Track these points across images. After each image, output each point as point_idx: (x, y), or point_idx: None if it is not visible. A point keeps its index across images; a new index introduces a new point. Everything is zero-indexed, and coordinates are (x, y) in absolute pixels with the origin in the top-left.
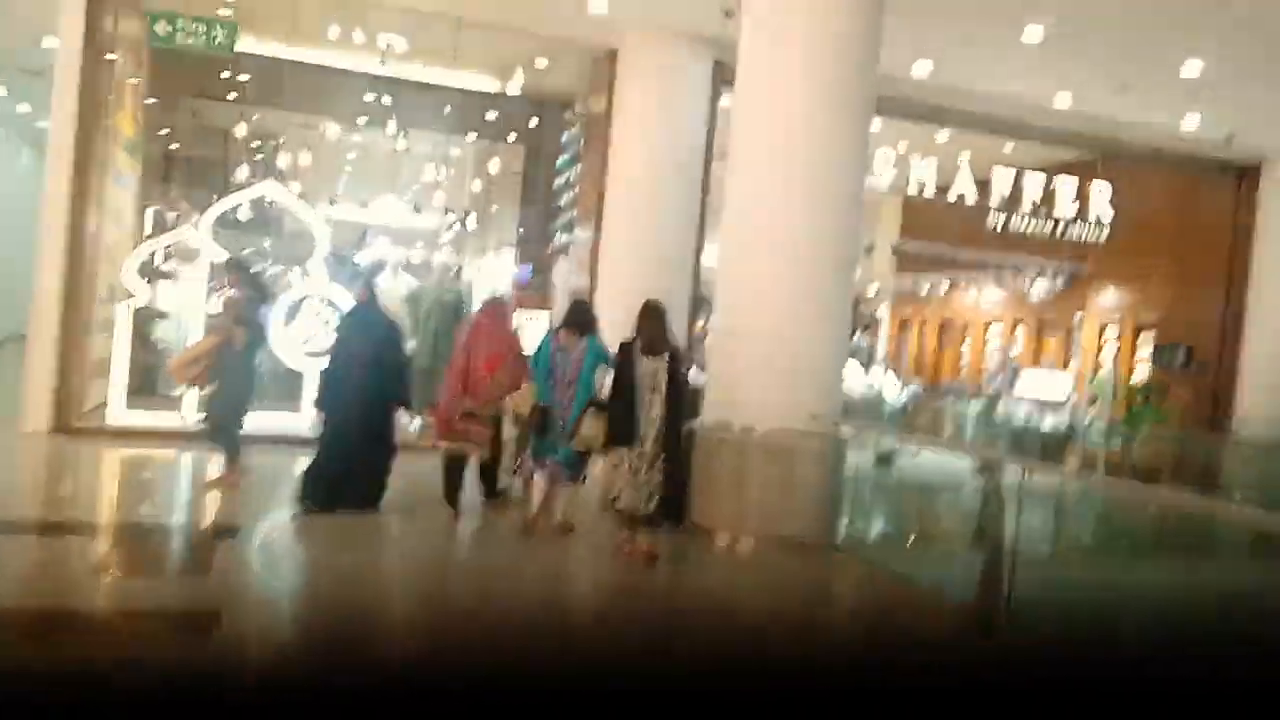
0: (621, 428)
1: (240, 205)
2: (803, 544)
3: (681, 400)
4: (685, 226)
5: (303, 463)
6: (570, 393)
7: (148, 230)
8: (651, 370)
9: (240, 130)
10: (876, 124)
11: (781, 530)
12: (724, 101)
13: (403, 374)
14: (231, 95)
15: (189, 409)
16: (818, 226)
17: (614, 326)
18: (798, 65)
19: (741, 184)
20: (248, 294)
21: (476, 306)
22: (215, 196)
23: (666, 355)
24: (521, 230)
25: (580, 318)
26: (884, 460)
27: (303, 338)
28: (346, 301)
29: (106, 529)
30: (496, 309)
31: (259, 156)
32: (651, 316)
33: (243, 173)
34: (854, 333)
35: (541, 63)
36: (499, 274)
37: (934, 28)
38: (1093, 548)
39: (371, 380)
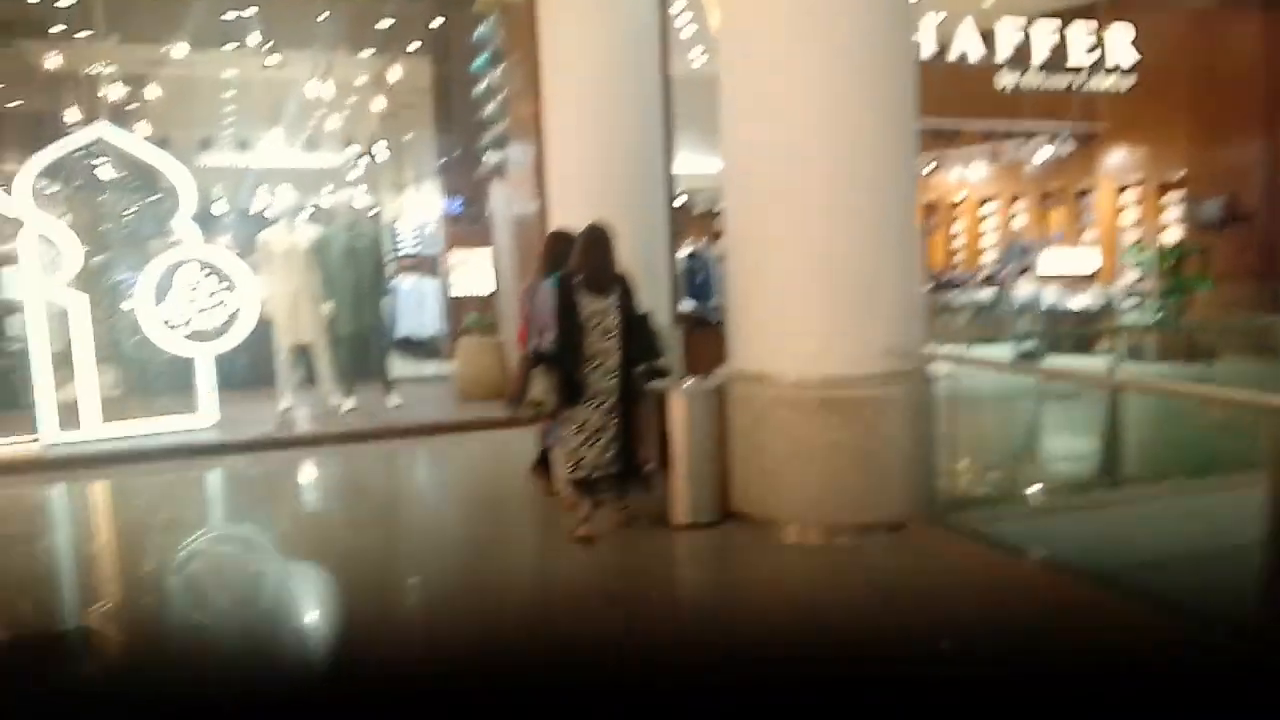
0: (568, 383)
1: (69, 157)
2: (895, 527)
3: (640, 343)
4: (647, 125)
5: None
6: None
7: None
8: (600, 310)
9: (79, 70)
10: None
11: (862, 513)
12: None
13: None
14: (59, 28)
15: (48, 428)
16: (872, 100)
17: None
18: None
19: (750, 57)
20: None
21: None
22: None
23: (617, 291)
24: (443, 156)
25: (547, 254)
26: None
27: (181, 315)
28: (232, 264)
29: None
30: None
31: (102, 98)
32: (594, 245)
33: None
34: None
35: None
36: (424, 210)
37: None
38: None
39: None
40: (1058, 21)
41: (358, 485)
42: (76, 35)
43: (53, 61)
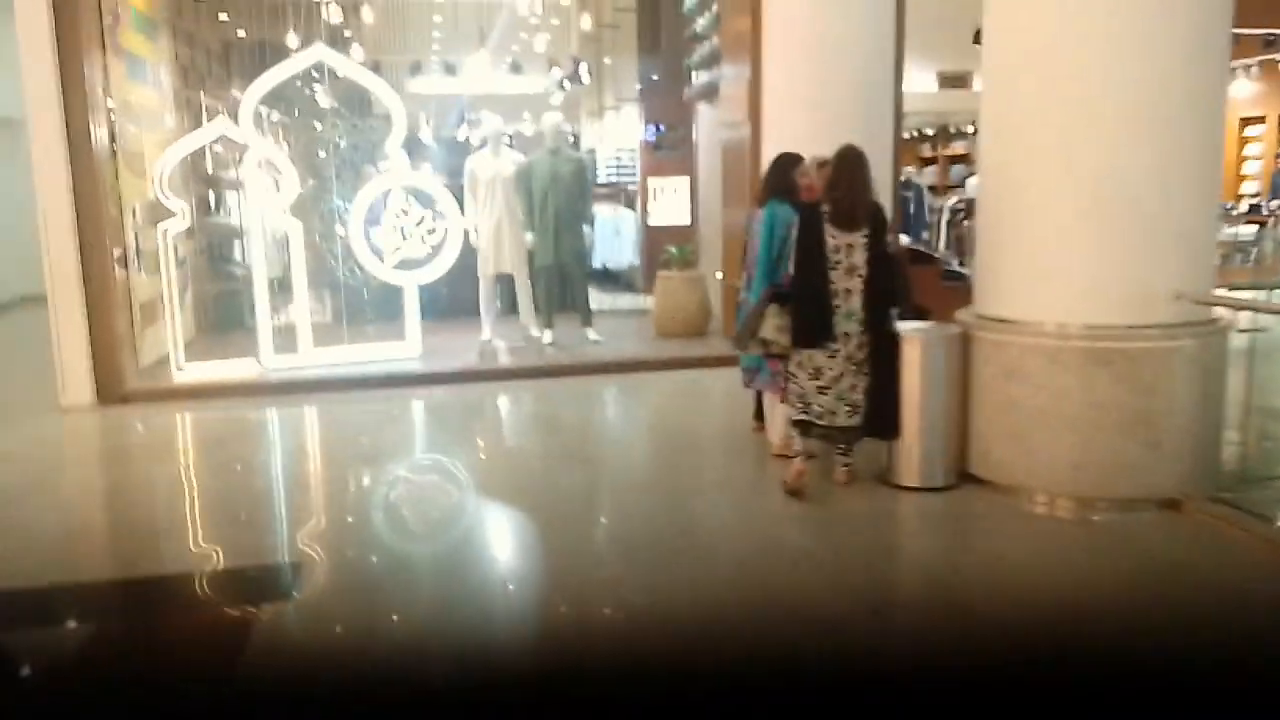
0: (805, 325)
1: (288, 83)
2: (1168, 504)
3: (890, 286)
4: (876, 40)
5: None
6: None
7: (187, 131)
8: (847, 245)
9: None
10: None
11: (1128, 486)
12: None
13: None
14: None
15: (266, 352)
16: None
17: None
18: None
19: None
20: None
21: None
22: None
23: (867, 225)
24: (644, 80)
25: (769, 180)
26: None
27: (390, 243)
28: (439, 192)
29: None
30: None
31: (320, 23)
32: (848, 172)
33: (294, 44)
34: None
35: None
36: (622, 136)
37: None
38: None
39: None
40: None
41: (557, 421)
42: None
43: None
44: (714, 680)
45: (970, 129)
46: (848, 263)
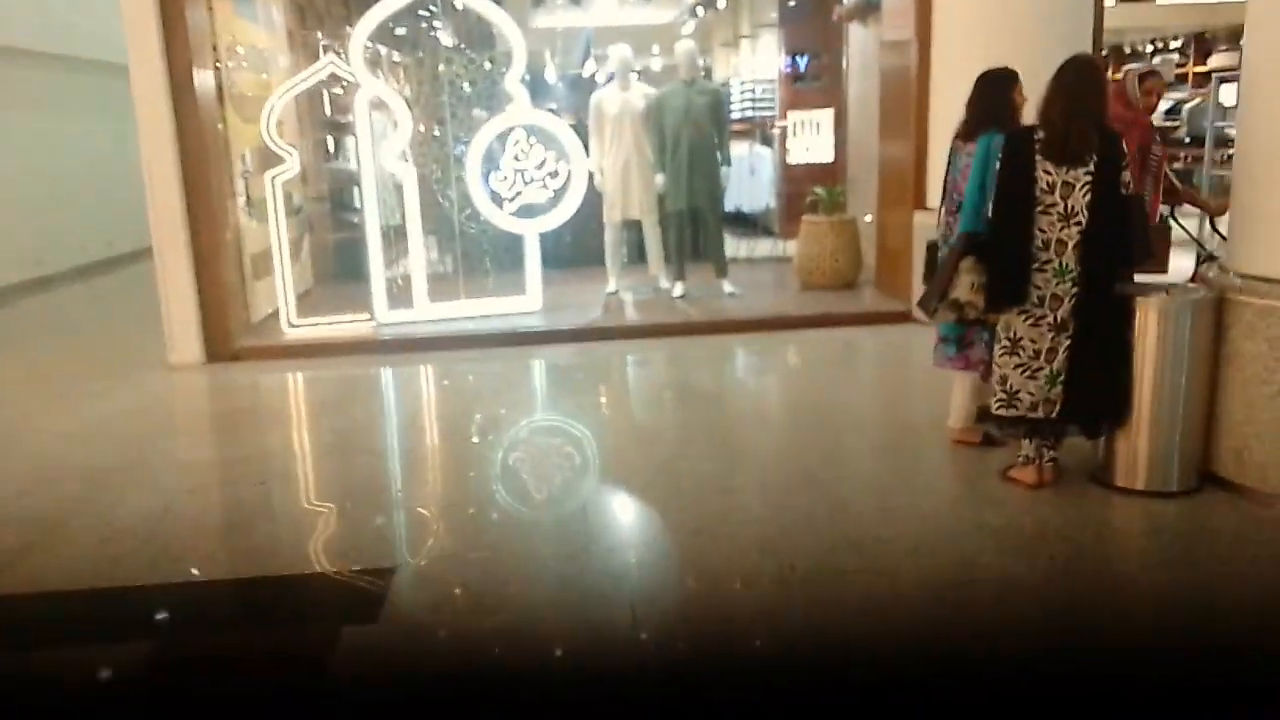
0: (995, 281)
1: (403, 17)
2: None
3: (1119, 239)
4: None
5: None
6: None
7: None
8: (1065, 183)
9: None
10: None
11: None
12: None
13: None
14: None
15: (380, 307)
16: None
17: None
18: None
19: None
20: None
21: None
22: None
23: (1092, 160)
24: (783, 4)
25: (979, 105)
26: None
27: (509, 188)
28: (561, 131)
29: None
30: None
31: None
32: (1069, 86)
33: None
34: None
35: None
36: (758, 68)
37: None
38: None
39: None
40: None
41: (692, 390)
42: None
43: None
44: None
45: (1149, 48)
46: (1063, 206)
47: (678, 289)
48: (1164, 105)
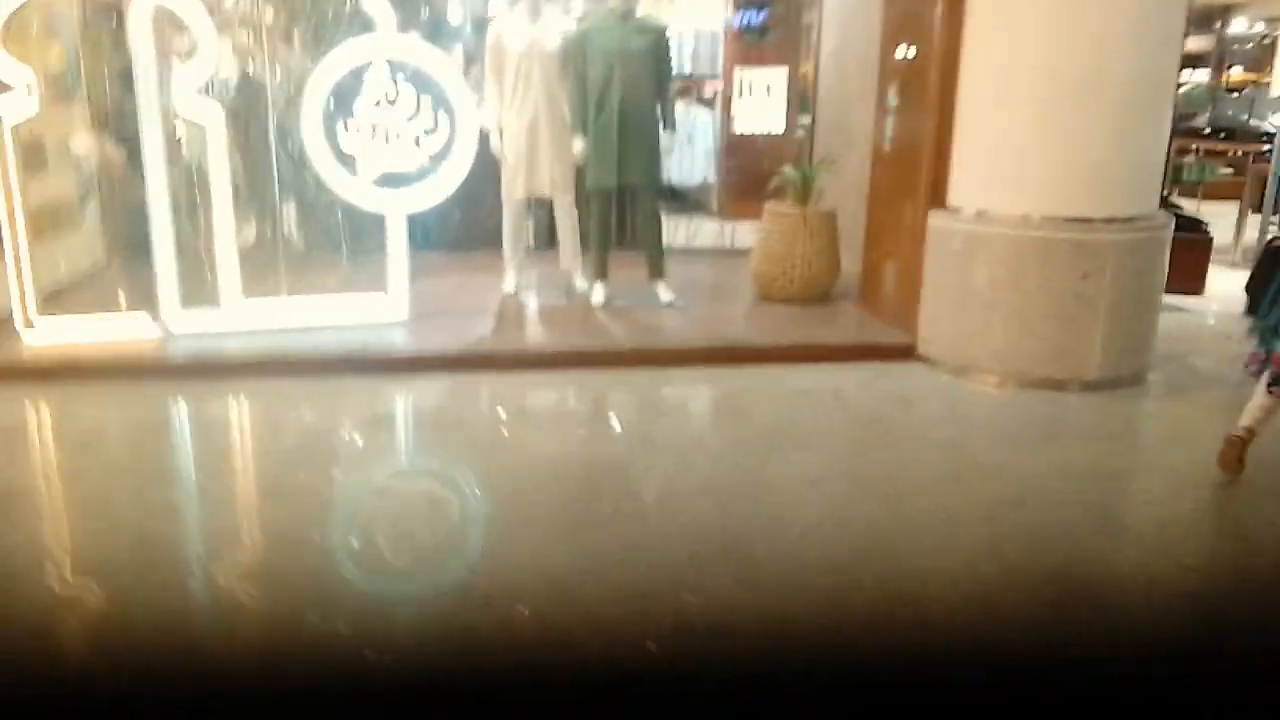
0: None
1: None
2: None
3: None
4: None
5: None
6: None
7: None
8: None
9: None
10: None
11: None
12: None
13: None
14: None
15: (169, 308)
16: None
17: None
18: None
19: None
20: None
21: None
22: None
23: None
24: None
25: None
26: None
27: (372, 145)
28: (445, 73)
29: None
30: None
31: None
32: None
33: None
34: None
35: None
36: (697, 16)
37: None
38: None
39: None
40: None
41: (626, 490)
42: None
43: None
44: None
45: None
46: None
47: (598, 293)
48: None
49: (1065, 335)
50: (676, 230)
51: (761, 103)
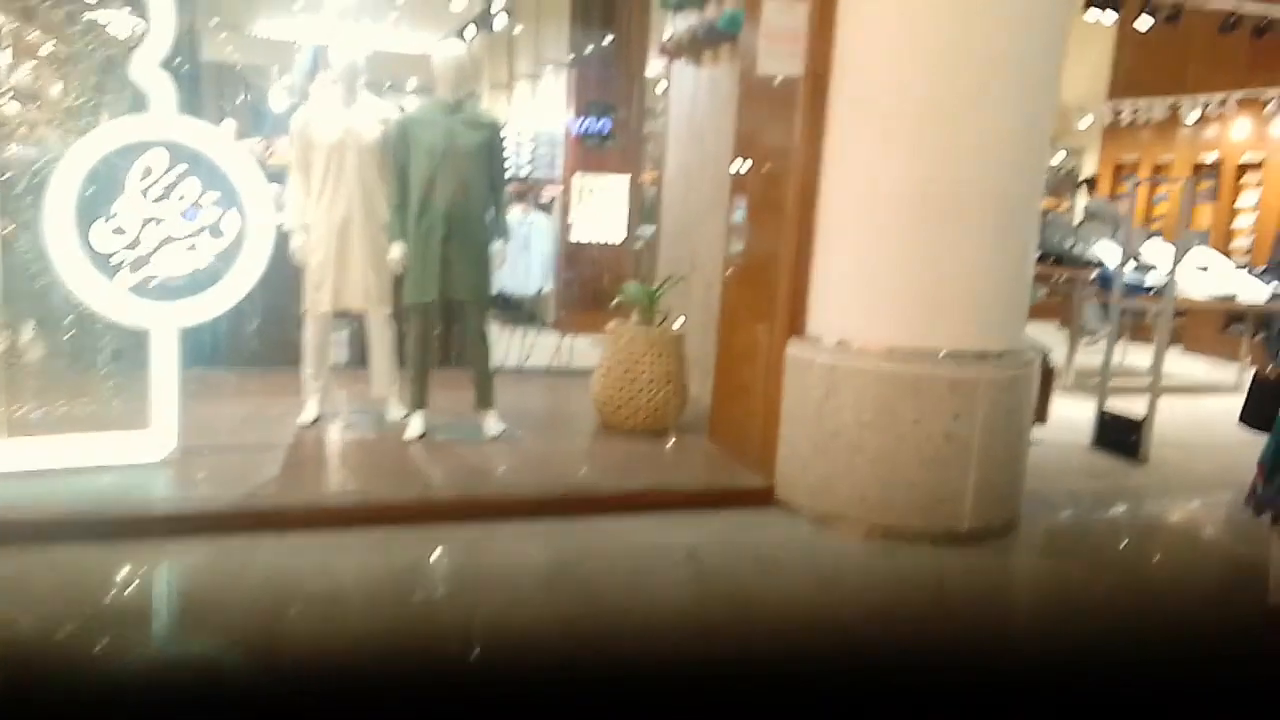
0: None
1: None
2: None
3: None
4: None
5: None
6: None
7: None
8: None
9: None
10: None
11: None
12: None
13: None
14: None
15: None
16: None
17: None
18: None
19: None
20: None
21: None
22: None
23: None
24: (581, 45)
25: None
26: None
27: (131, 247)
28: (234, 160)
29: None
30: None
31: None
32: None
33: None
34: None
35: None
36: (538, 119)
37: None
38: None
39: None
40: None
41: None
42: None
43: None
44: None
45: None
46: None
47: (415, 425)
48: None
49: (937, 481)
50: (510, 346)
51: (601, 211)
